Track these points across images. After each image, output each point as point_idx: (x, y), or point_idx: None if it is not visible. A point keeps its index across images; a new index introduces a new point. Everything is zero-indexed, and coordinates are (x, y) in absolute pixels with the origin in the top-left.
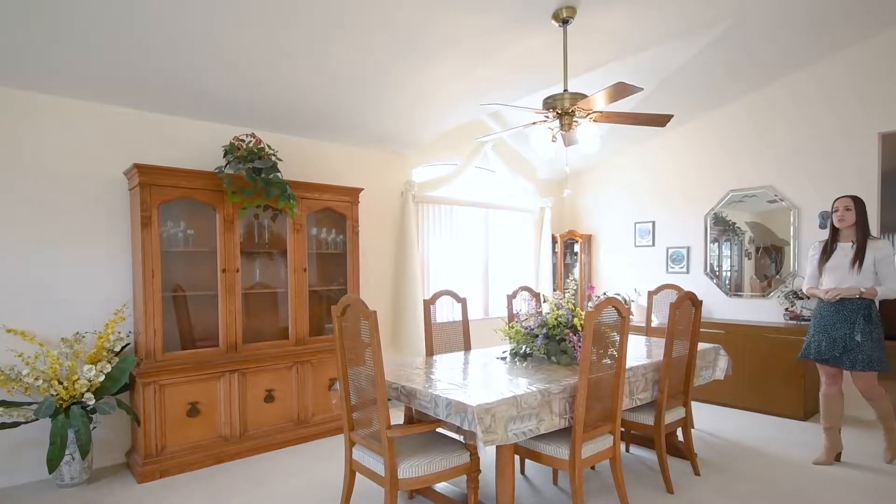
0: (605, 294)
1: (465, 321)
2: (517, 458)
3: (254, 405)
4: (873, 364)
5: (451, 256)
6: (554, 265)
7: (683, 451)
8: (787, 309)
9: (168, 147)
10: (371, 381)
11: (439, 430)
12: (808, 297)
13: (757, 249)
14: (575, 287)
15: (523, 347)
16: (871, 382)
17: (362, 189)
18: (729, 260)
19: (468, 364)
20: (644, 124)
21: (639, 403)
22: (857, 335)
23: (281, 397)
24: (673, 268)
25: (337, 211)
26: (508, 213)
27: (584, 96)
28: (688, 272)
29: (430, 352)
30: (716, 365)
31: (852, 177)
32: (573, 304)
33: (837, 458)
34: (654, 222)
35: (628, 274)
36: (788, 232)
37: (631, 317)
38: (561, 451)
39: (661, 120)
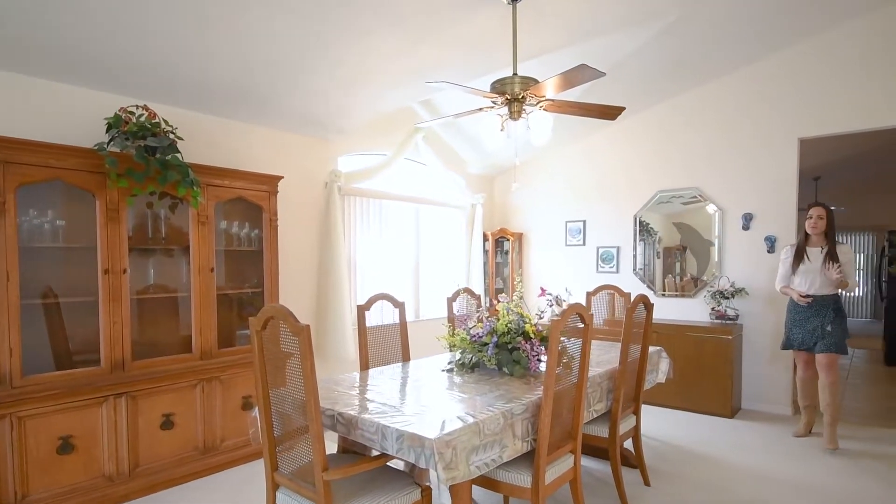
0: (558, 297)
1: (404, 329)
2: None
3: (148, 434)
4: (839, 348)
5: (380, 254)
6: (485, 264)
7: (631, 460)
8: (713, 308)
9: (35, 117)
10: (298, 406)
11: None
12: (782, 293)
13: (683, 249)
14: (521, 288)
15: (470, 357)
16: (835, 365)
17: (282, 177)
18: (657, 260)
19: (411, 379)
20: (596, 116)
21: (595, 416)
22: (829, 326)
23: (182, 422)
24: (603, 267)
25: (251, 201)
26: (440, 210)
27: (535, 81)
28: (618, 272)
29: (364, 365)
30: (658, 368)
31: (773, 180)
32: (521, 307)
33: (809, 430)
34: (584, 221)
35: (559, 273)
36: (713, 233)
37: (542, 313)
38: (522, 478)
39: (612, 112)
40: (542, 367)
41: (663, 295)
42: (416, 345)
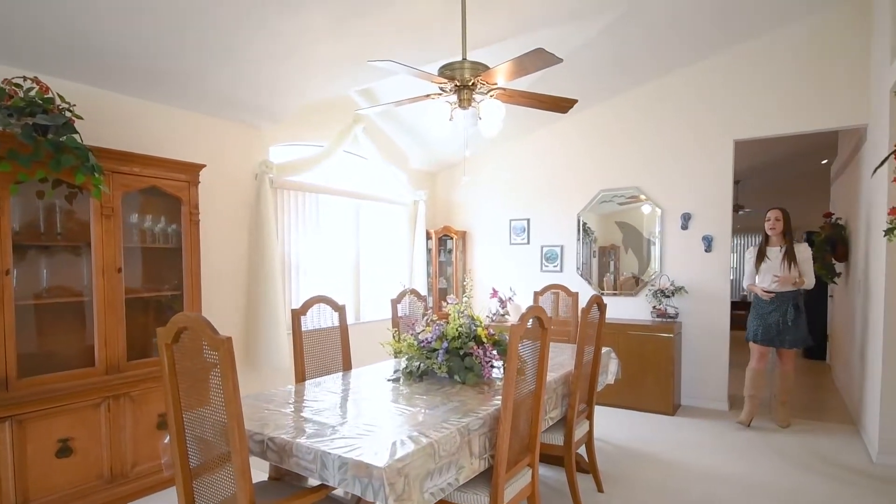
0: (511, 298)
1: (345, 335)
2: None
3: (40, 464)
4: (798, 343)
5: (318, 253)
6: (429, 263)
7: (583, 465)
8: (654, 307)
9: None
10: (220, 430)
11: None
12: (749, 291)
13: (617, 249)
14: (470, 288)
15: (418, 365)
16: (793, 358)
17: (203, 166)
18: (593, 259)
19: (353, 391)
20: (548, 108)
21: (550, 424)
22: (789, 321)
23: (84, 447)
24: (547, 266)
25: (168, 192)
26: (381, 206)
27: (486, 67)
28: (562, 271)
29: (300, 376)
30: (608, 369)
31: (710, 181)
32: (471, 309)
33: (751, 419)
34: (528, 220)
35: (503, 272)
36: (654, 232)
37: (507, 317)
38: (479, 500)
39: (564, 105)
40: (496, 373)
41: (602, 293)
42: (357, 350)
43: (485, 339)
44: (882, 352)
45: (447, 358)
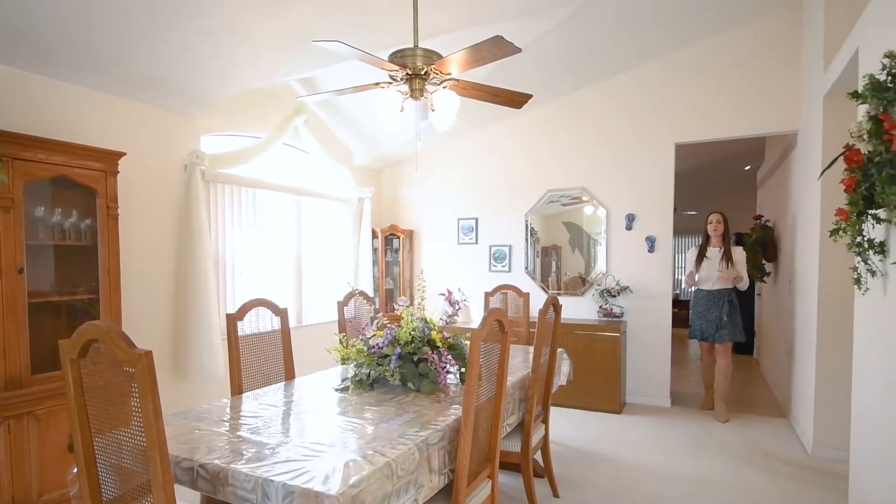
0: (465, 300)
1: (287, 341)
2: None
3: None
4: (734, 337)
5: (255, 252)
6: (374, 263)
7: (537, 470)
8: (601, 307)
9: None
10: (140, 456)
11: None
12: (690, 286)
13: (572, 249)
14: (423, 289)
15: (369, 372)
16: (728, 351)
17: (124, 154)
18: (536, 259)
19: (297, 403)
20: (502, 102)
21: (508, 431)
22: (724, 317)
23: None
24: (496, 266)
25: (81, 183)
26: (324, 203)
27: (440, 56)
28: (510, 271)
29: (237, 388)
30: (560, 370)
31: (653, 182)
32: (424, 311)
33: (711, 405)
34: (477, 219)
35: (451, 272)
36: (600, 232)
37: (456, 318)
38: None
39: (519, 100)
40: (452, 379)
41: (556, 294)
42: (299, 357)
43: (440, 344)
44: (815, 349)
45: (400, 364)
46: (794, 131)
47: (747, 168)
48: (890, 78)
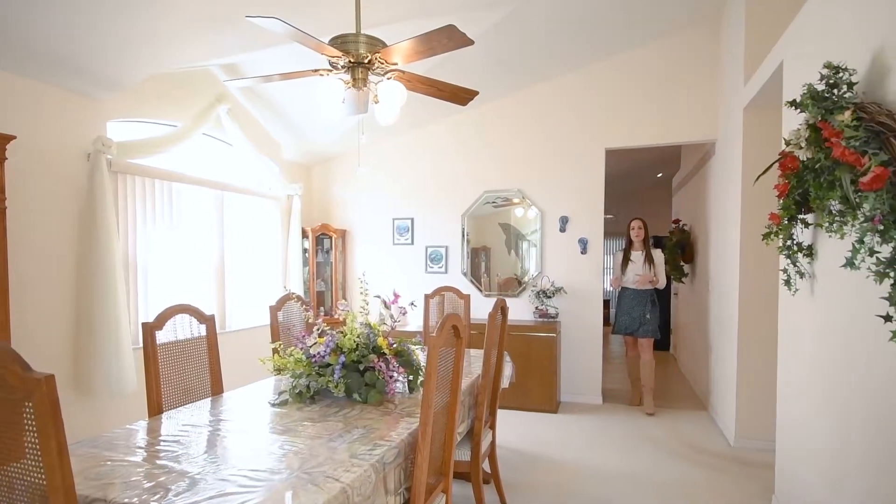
0: (412, 303)
1: (214, 351)
2: None
3: None
4: (655, 333)
5: (172, 252)
6: (305, 264)
7: (485, 477)
8: (536, 307)
9: None
10: (39, 495)
11: None
12: (616, 287)
13: (508, 250)
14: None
15: (309, 384)
16: (650, 346)
17: (13, 138)
18: (466, 260)
19: (227, 422)
20: (447, 98)
21: (458, 440)
22: (647, 314)
23: None
24: (432, 267)
25: None
26: (250, 199)
27: (384, 44)
28: (446, 272)
29: (155, 407)
30: (504, 373)
31: (584, 186)
32: (367, 315)
33: (640, 400)
34: (412, 219)
35: (387, 274)
36: (535, 234)
37: (393, 322)
38: None
39: (464, 96)
40: (399, 386)
41: (493, 295)
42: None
43: (386, 351)
44: (736, 346)
45: (344, 374)
46: (712, 140)
47: (659, 175)
48: (828, 88)
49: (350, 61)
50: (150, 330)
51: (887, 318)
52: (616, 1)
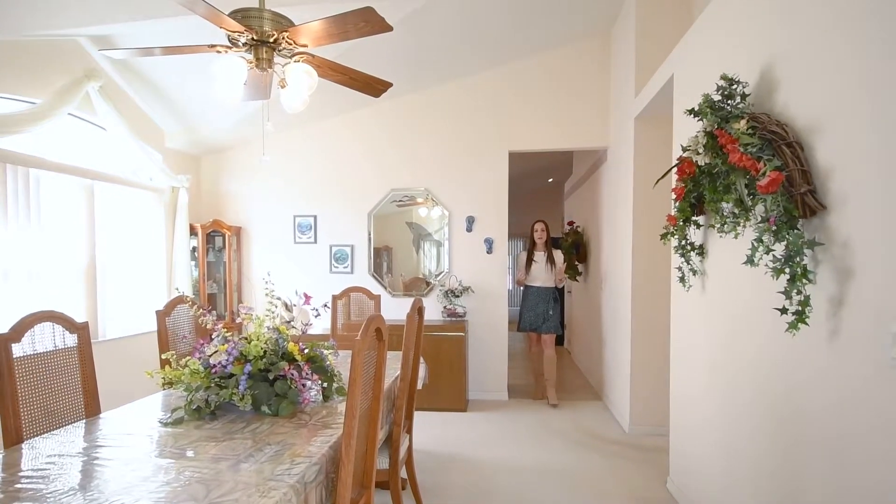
0: (324, 305)
1: (90, 367)
2: None
3: None
4: (557, 329)
5: (30, 250)
6: (195, 263)
7: (402, 482)
8: (445, 307)
9: None
10: None
11: None
12: (521, 286)
13: (416, 249)
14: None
15: (208, 397)
16: (553, 341)
17: None
18: (373, 259)
19: (108, 449)
20: (359, 88)
21: (378, 447)
22: (550, 311)
23: None
24: (337, 267)
25: None
26: (128, 191)
27: (291, 23)
28: (352, 272)
29: (13, 435)
30: (419, 375)
31: (490, 187)
32: (276, 318)
33: (543, 395)
34: (315, 217)
35: (288, 274)
36: (442, 234)
37: (304, 326)
38: None
39: (377, 87)
40: (313, 394)
41: (394, 295)
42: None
43: (298, 357)
44: (629, 339)
45: (251, 384)
46: (605, 147)
47: (550, 180)
48: (723, 98)
49: (253, 38)
50: (5, 343)
51: (783, 311)
52: (520, 7)
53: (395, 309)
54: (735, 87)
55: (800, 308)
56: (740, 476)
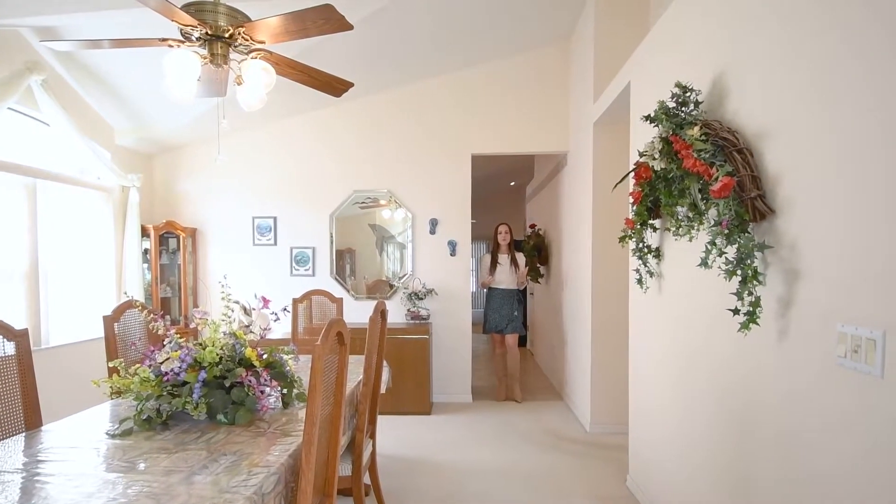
0: (283, 310)
1: (30, 377)
2: None
3: None
4: (521, 329)
5: None
6: (147, 266)
7: (365, 489)
8: (408, 310)
9: None
10: None
11: None
12: (486, 288)
13: (379, 252)
14: (227, 296)
15: (160, 406)
16: (516, 341)
17: None
18: (335, 262)
19: (48, 463)
20: (319, 87)
21: (340, 454)
22: (515, 312)
23: None
24: (298, 270)
25: None
26: (73, 191)
27: (247, 17)
28: (314, 275)
29: None
30: (382, 378)
31: (453, 189)
32: (233, 323)
33: (505, 396)
34: (275, 218)
35: (247, 277)
36: (404, 234)
37: (263, 331)
38: None
39: (338, 87)
40: (272, 401)
41: (357, 297)
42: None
43: (256, 363)
44: (590, 339)
45: (205, 392)
46: (565, 152)
47: (513, 184)
48: (678, 105)
49: (207, 33)
50: None
51: (735, 312)
52: (482, 12)
53: (358, 312)
54: (689, 94)
55: (751, 309)
56: (696, 471)
